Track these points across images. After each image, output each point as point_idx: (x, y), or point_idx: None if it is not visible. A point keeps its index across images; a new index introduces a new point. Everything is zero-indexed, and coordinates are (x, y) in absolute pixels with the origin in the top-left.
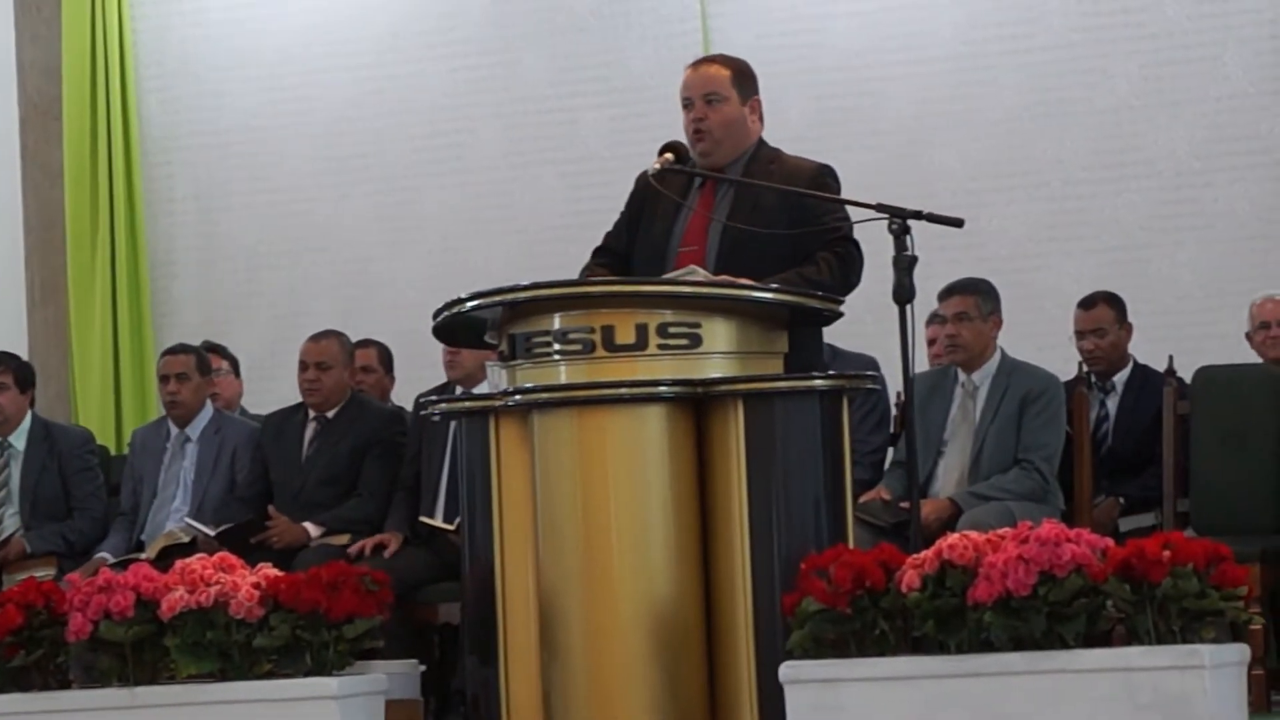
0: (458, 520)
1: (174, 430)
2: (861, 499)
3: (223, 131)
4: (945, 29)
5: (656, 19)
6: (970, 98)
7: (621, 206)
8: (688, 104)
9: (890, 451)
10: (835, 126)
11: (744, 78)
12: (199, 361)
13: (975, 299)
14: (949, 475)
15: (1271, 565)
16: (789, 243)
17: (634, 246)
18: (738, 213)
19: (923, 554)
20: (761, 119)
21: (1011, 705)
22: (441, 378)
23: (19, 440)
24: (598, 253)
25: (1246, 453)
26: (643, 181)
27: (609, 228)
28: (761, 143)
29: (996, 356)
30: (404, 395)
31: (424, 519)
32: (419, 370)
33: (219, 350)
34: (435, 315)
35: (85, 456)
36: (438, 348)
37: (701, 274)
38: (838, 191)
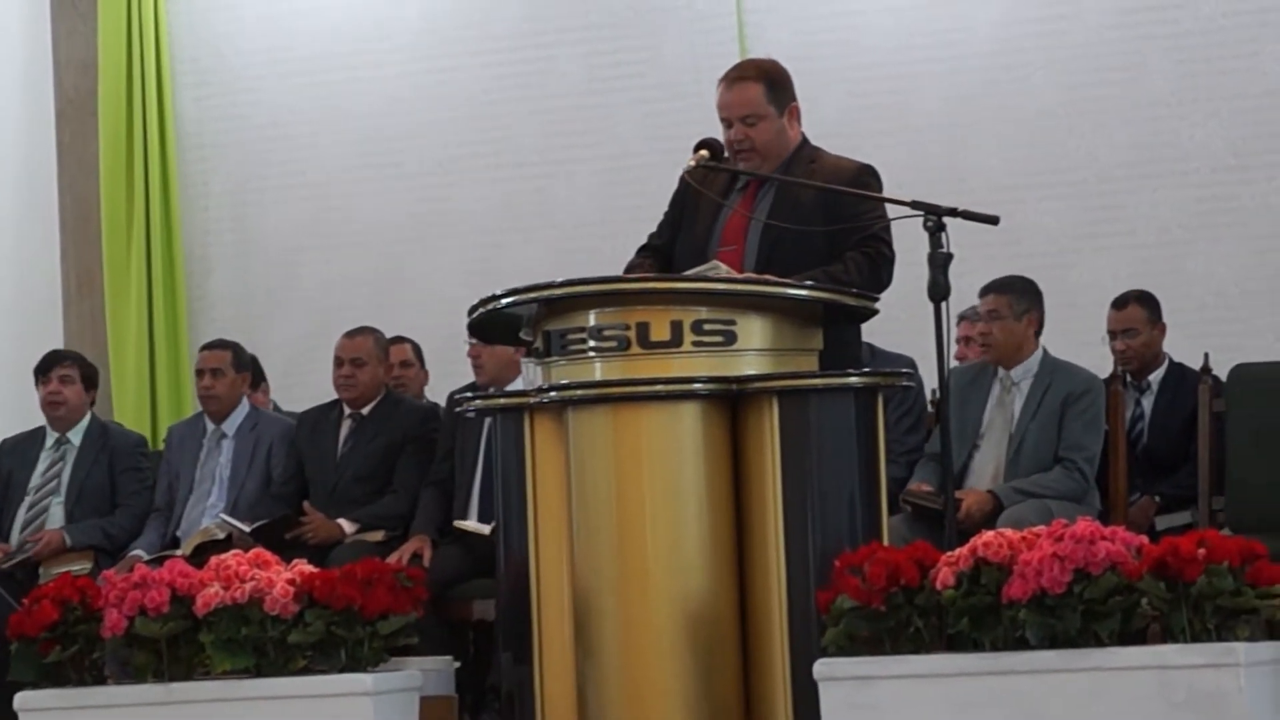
0: (493, 525)
1: (210, 426)
2: (906, 489)
3: (257, 127)
4: (980, 26)
5: (693, 15)
6: (1005, 95)
7: (657, 203)
8: (726, 124)
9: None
10: (870, 123)
11: (778, 88)
12: (235, 357)
13: (1008, 298)
14: (984, 469)
15: None
16: (825, 240)
17: (676, 245)
18: (778, 212)
19: (957, 551)
20: (800, 120)
21: (1046, 703)
22: None
23: (76, 437)
24: (642, 250)
25: None
26: (686, 180)
27: (644, 224)
28: (804, 142)
29: (1038, 354)
30: (438, 392)
31: (458, 523)
32: (453, 366)
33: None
34: (471, 312)
35: (136, 458)
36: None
37: (724, 270)
38: (878, 191)
